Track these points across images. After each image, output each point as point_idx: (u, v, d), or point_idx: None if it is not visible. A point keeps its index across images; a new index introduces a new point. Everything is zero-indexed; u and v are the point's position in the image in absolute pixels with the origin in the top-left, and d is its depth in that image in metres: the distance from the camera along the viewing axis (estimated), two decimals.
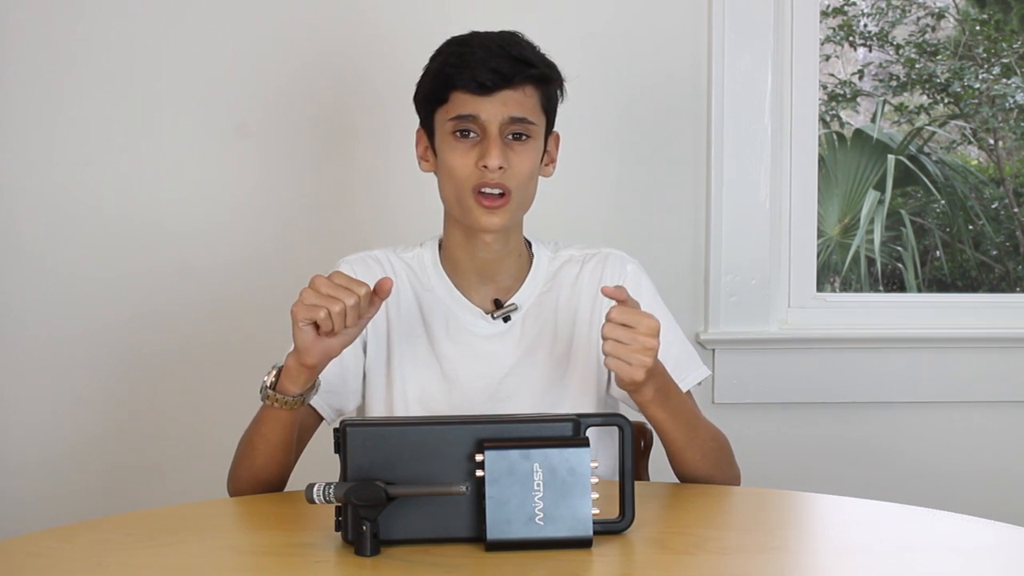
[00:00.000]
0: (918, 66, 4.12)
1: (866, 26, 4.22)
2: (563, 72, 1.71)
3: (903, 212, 4.08)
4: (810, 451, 2.47)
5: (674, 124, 2.43)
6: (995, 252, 4.02)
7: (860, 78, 4.33)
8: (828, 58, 4.12)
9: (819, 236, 3.25)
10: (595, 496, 1.31)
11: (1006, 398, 2.50)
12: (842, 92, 4.23)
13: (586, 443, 1.31)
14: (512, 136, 1.64)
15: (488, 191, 1.63)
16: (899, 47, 4.16)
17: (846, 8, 4.18)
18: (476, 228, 1.66)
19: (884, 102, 4.21)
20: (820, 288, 2.70)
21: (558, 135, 1.75)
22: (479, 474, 1.30)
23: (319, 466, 1.63)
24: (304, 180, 2.42)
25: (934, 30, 4.19)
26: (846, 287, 3.97)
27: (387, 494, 1.28)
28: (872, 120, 4.19)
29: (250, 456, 1.62)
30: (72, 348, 2.40)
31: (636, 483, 1.38)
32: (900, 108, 4.19)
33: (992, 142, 4.05)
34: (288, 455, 1.62)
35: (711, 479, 1.65)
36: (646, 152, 2.44)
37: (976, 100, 3.98)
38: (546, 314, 1.75)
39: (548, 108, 1.69)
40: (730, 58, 2.40)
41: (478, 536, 1.31)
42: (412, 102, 1.73)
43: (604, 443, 1.66)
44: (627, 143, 2.44)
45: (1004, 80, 3.93)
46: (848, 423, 2.48)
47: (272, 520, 1.50)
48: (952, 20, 4.21)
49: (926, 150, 4.15)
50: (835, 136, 4.11)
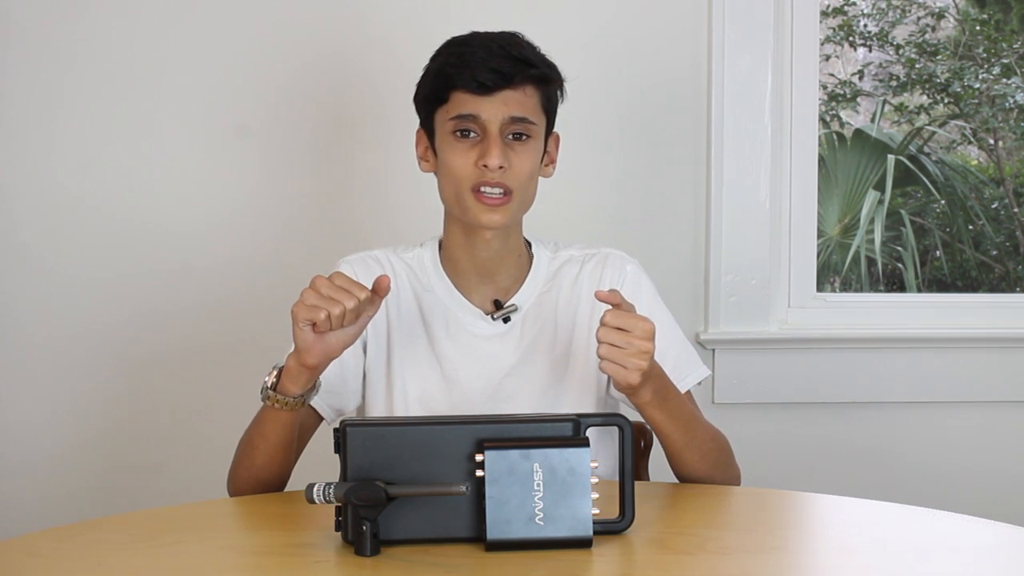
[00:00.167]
0: (918, 66, 4.12)
1: (866, 26, 4.22)
2: (563, 72, 1.71)
3: (903, 212, 4.08)
4: (810, 451, 2.47)
5: (674, 124, 2.43)
6: (995, 252, 4.02)
7: (860, 78, 4.33)
8: (828, 58, 4.12)
9: (819, 236, 3.25)
10: (595, 496, 1.31)
11: (1006, 398, 2.50)
12: (842, 92, 4.23)
13: (586, 443, 1.31)
14: (512, 136, 1.64)
15: (489, 191, 1.62)
16: (899, 47, 4.16)
17: (846, 8, 4.17)
18: (476, 225, 1.66)
19: (884, 102, 4.20)
20: (820, 288, 2.70)
21: (558, 136, 1.75)
22: (479, 474, 1.30)
23: (319, 466, 1.63)
24: (304, 180, 2.42)
25: (934, 30, 4.19)
26: (846, 287, 3.96)
27: (387, 494, 1.28)
28: (872, 120, 4.19)
29: (250, 456, 1.62)
30: (72, 348, 2.40)
31: (636, 483, 1.38)
32: (900, 108, 4.19)
33: (992, 142, 4.04)
34: (288, 455, 1.62)
35: (711, 479, 1.65)
36: (646, 152, 2.44)
37: (976, 100, 3.98)
38: (546, 314, 1.75)
39: (548, 108, 1.69)
40: (730, 58, 2.40)
41: (478, 536, 1.31)
42: (412, 102, 1.73)
43: (604, 443, 1.66)
44: (627, 143, 2.44)
45: (1004, 80, 3.93)
46: (848, 423, 2.48)
47: (272, 520, 1.50)
48: (952, 20, 4.20)
49: (926, 150, 4.15)
50: (835, 136, 4.11)
